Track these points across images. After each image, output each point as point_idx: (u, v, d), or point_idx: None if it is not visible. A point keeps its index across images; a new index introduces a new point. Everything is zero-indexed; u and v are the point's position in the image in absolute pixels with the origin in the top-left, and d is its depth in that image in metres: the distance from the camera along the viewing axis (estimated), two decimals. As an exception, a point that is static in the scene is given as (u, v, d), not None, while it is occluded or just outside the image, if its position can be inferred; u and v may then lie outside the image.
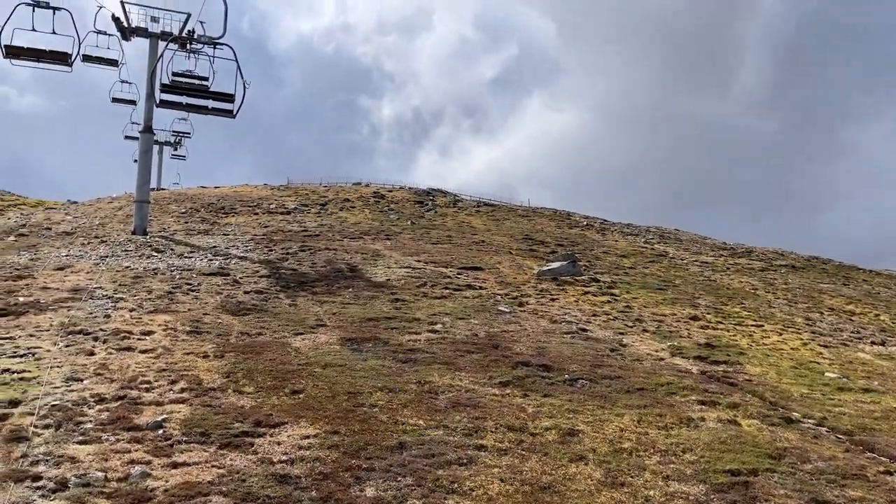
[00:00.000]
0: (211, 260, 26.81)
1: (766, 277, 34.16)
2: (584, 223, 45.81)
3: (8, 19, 30.12)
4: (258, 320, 19.51)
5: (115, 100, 47.72)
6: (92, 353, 15.97)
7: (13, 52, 30.79)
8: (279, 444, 11.64)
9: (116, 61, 39.21)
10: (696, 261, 36.38)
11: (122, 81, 45.79)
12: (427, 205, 47.01)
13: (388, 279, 25.15)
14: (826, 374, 18.86)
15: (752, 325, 24.33)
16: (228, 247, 29.70)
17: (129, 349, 16.42)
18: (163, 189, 64.30)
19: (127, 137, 61.61)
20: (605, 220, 48.91)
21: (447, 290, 24.12)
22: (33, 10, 30.59)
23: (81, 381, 14.30)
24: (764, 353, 20.52)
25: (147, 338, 17.38)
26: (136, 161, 37.98)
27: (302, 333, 18.46)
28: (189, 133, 64.90)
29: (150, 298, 20.95)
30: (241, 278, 24.17)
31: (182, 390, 14.04)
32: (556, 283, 26.50)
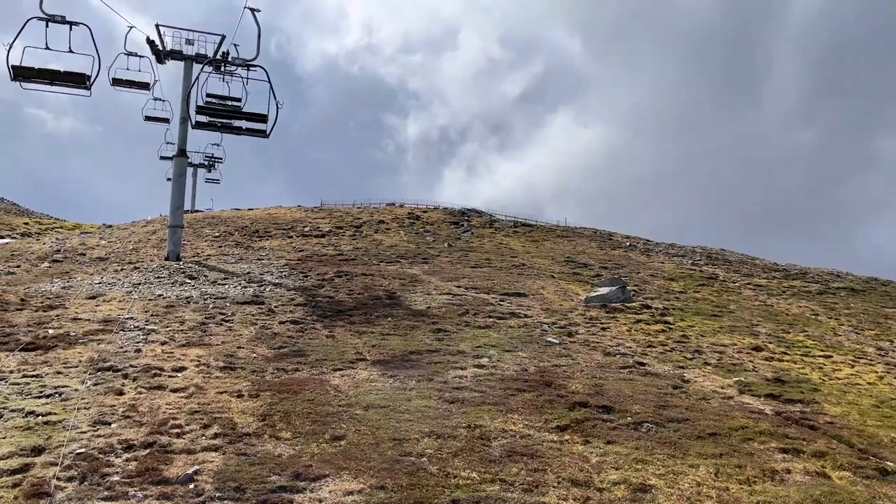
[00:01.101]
0: (245, 287, 25.96)
1: (826, 301, 32.23)
2: (627, 243, 44.22)
3: (17, 37, 25.96)
4: (294, 354, 18.48)
5: (147, 118, 46.82)
6: (121, 393, 15.06)
7: (23, 74, 26.66)
8: (320, 501, 10.49)
9: (148, 84, 38.07)
10: (748, 283, 34.57)
11: (156, 99, 44.88)
12: (463, 226, 45.91)
13: (429, 307, 23.99)
14: (913, 413, 17.11)
15: (820, 356, 22.60)
16: (263, 273, 28.88)
17: (159, 388, 15.48)
18: (197, 211, 64.36)
19: (162, 158, 61.92)
20: (648, 241, 47.23)
21: (490, 319, 22.87)
22: (46, 26, 26.39)
23: (109, 424, 13.36)
24: (840, 390, 18.83)
25: (179, 374, 16.45)
26: (169, 179, 37.19)
27: (341, 369, 17.36)
28: (222, 158, 65.00)
29: (182, 330, 20.08)
30: (276, 307, 23.23)
31: (215, 436, 13.00)
32: (606, 310, 25.06)
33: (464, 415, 14.55)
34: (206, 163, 66.42)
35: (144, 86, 38.05)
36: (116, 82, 36.76)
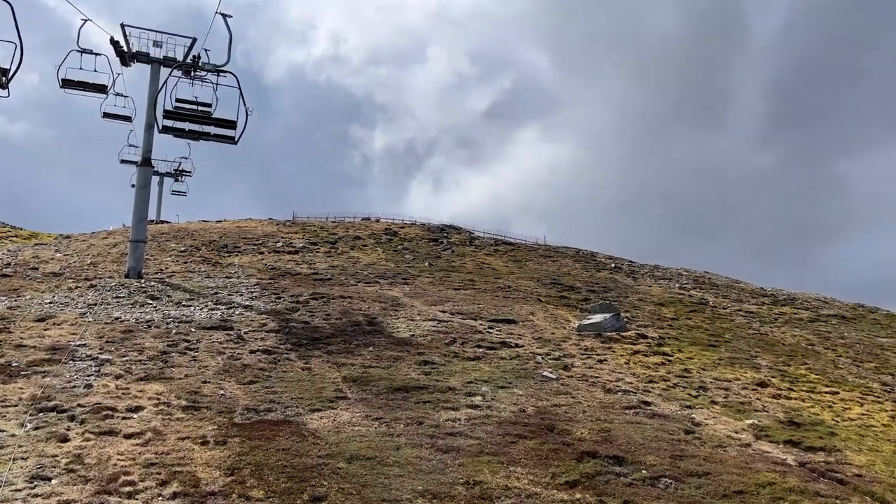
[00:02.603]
0: (212, 310, 23.93)
1: (819, 330, 31.26)
2: (612, 265, 43.03)
3: None
4: (267, 391, 16.59)
5: (106, 115, 41.20)
6: (66, 440, 13.06)
7: None
8: (300, 589, 8.70)
9: (105, 87, 33.96)
10: (739, 310, 33.50)
11: (117, 94, 39.75)
12: (442, 243, 44.31)
13: (413, 334, 22.25)
14: (940, 462, 15.87)
15: (826, 392, 21.39)
16: (232, 293, 26.85)
17: (111, 433, 13.50)
18: (162, 222, 61.76)
19: (123, 161, 58.74)
20: (633, 262, 46.14)
21: (480, 349, 21.22)
22: None
23: (49, 480, 11.41)
24: (857, 434, 17.55)
25: (134, 416, 14.47)
26: (133, 186, 33.92)
27: (319, 409, 15.53)
28: (191, 172, 62.40)
29: (140, 360, 18.04)
30: (245, 333, 21.28)
31: (174, 495, 11.11)
32: (601, 339, 23.59)
33: (461, 468, 12.85)
34: (173, 171, 63.83)
35: (100, 88, 33.87)
36: (67, 84, 32.90)
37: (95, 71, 32.90)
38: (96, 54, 32.76)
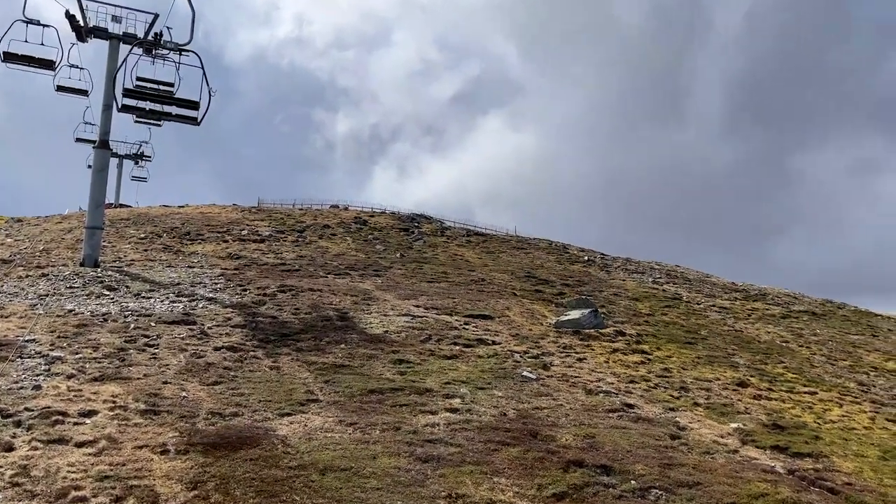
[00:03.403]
0: (173, 302, 22.70)
1: (792, 327, 31.23)
2: (585, 258, 42.61)
3: None
4: (233, 392, 15.57)
5: (61, 88, 37.03)
6: (11, 449, 11.93)
7: None
8: None
9: (53, 63, 30.66)
10: (712, 305, 33.32)
11: (72, 66, 35.72)
12: (413, 233, 43.38)
13: (387, 331, 21.36)
14: (925, 468, 15.63)
15: (805, 392, 21.17)
16: (195, 284, 25.59)
17: (61, 441, 12.40)
18: (121, 206, 59.63)
19: (79, 140, 56.02)
20: (605, 255, 45.81)
21: (457, 347, 20.45)
22: None
23: (-11, 496, 10.29)
24: (841, 437, 17.27)
25: (87, 421, 13.35)
26: (90, 167, 31.45)
27: (289, 414, 14.59)
28: (150, 157, 60.09)
29: (95, 358, 16.84)
30: (209, 329, 20.15)
31: (130, 514, 10.12)
32: (579, 336, 23.00)
33: (442, 479, 12.07)
34: (133, 153, 61.49)
35: (47, 64, 30.57)
36: (10, 57, 29.50)
37: (43, 45, 29.96)
38: (44, 26, 29.84)
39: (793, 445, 15.75)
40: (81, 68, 36.62)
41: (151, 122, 33.68)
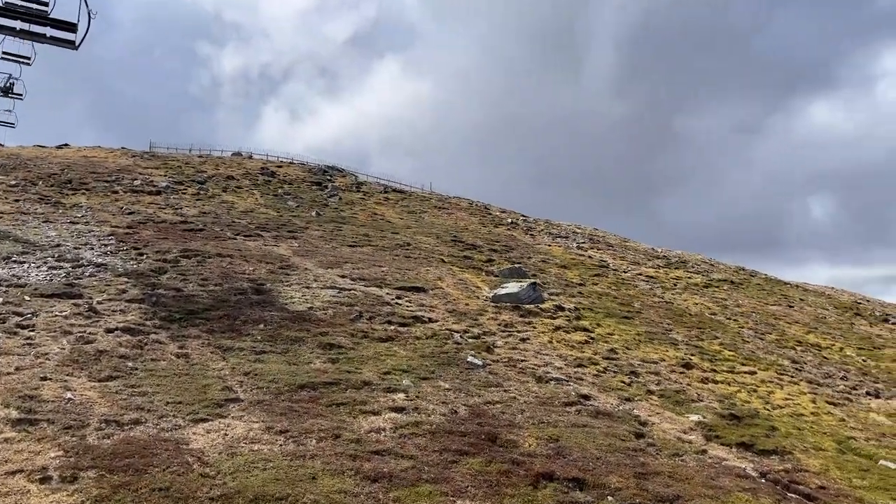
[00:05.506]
0: (53, 269, 19.23)
1: (716, 297, 31.18)
2: (509, 220, 41.21)
3: None
4: (132, 391, 12.87)
5: None
6: None
7: None
8: None
9: None
10: (639, 274, 32.80)
11: None
12: (327, 188, 40.43)
13: (311, 306, 18.94)
14: (881, 461, 15.30)
15: (746, 373, 20.76)
16: (79, 245, 21.99)
17: None
18: (-11, 145, 52.56)
19: None
20: (525, 217, 44.63)
21: (392, 326, 18.37)
22: None
23: None
24: (794, 427, 16.74)
25: (-63, 439, 10.41)
26: None
27: (205, 419, 12.13)
28: (22, 95, 51.56)
29: (-50, 347, 13.57)
30: (100, 304, 17.03)
31: (-4, 582, 7.61)
32: (519, 313, 21.46)
33: (397, 505, 10.14)
34: (1, 87, 53.76)
35: None
36: None
37: None
38: None
39: (757, 442, 14.90)
40: None
41: (20, 58, 28.70)
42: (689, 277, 34.11)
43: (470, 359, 16.82)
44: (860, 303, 40.28)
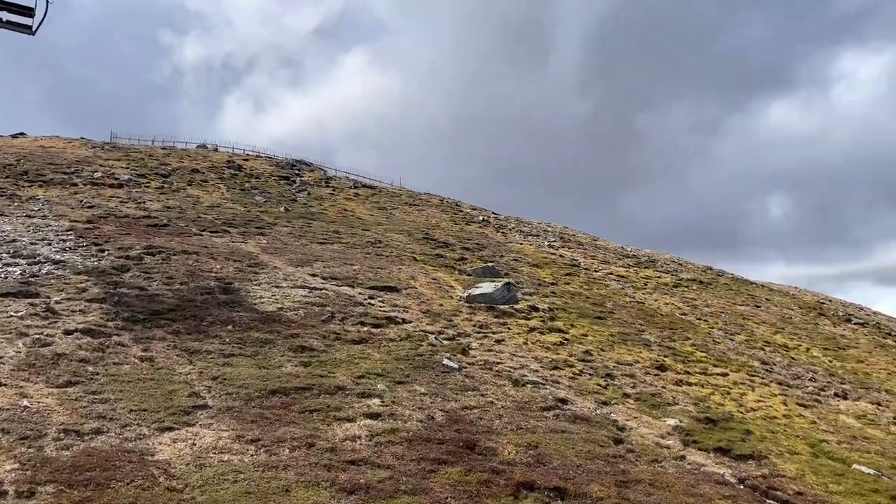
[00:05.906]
0: (7, 265, 18.35)
1: (686, 297, 31.38)
2: (480, 218, 40.98)
3: None
4: (93, 398, 12.24)
5: None
6: None
7: None
8: None
9: None
10: (610, 273, 32.84)
11: None
12: (296, 182, 39.67)
13: (281, 307, 18.39)
14: (853, 465, 15.41)
15: (718, 374, 20.83)
16: (36, 241, 21.05)
17: None
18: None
19: None
20: (497, 214, 44.46)
21: (364, 328, 17.94)
22: None
23: None
24: (768, 430, 16.78)
25: None
26: None
27: (171, 428, 11.58)
28: None
29: None
30: (58, 304, 16.26)
31: None
32: (494, 313, 21.19)
33: (376, 519, 9.76)
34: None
35: None
36: None
37: None
38: None
39: (734, 446, 14.86)
40: None
41: None
42: (658, 277, 34.28)
43: (445, 361, 16.48)
44: (823, 303, 41.04)
